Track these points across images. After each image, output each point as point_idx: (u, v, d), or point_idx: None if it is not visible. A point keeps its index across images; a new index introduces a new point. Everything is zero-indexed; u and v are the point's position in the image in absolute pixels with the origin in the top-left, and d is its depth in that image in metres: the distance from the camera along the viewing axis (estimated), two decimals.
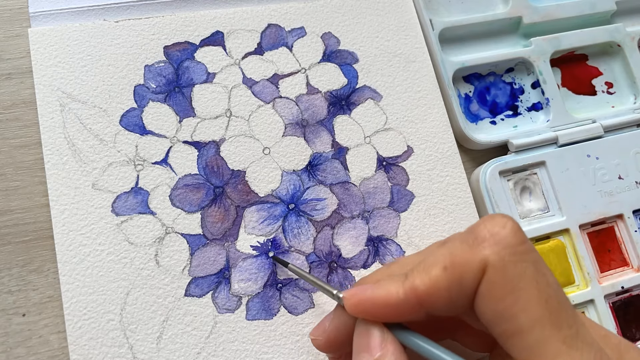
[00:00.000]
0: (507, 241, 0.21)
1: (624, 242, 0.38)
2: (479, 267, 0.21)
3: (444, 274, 0.22)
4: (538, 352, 0.20)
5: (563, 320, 0.21)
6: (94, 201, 0.31)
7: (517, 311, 0.20)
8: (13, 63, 0.33)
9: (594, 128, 0.40)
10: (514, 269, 0.21)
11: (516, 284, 0.21)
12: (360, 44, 0.38)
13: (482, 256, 0.21)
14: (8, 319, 0.29)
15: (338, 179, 0.35)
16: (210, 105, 0.34)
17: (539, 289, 0.21)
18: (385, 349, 0.22)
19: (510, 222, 0.22)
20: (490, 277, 0.21)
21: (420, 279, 0.22)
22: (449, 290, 0.22)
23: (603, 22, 0.44)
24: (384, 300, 0.23)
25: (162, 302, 0.30)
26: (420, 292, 0.22)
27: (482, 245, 0.21)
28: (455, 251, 0.22)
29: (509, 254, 0.21)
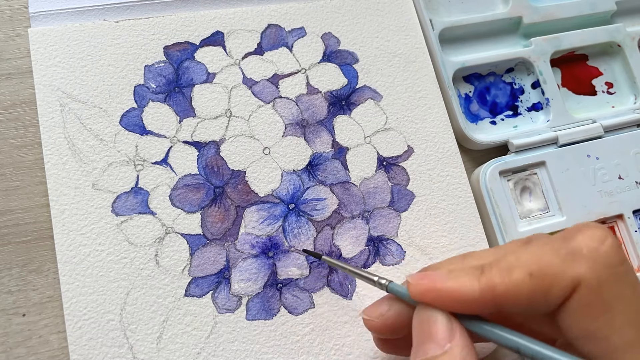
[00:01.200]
0: (606, 260, 0.20)
1: (624, 242, 0.38)
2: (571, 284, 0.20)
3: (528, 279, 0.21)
4: None
5: None
6: (94, 201, 0.31)
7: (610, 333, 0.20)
8: (13, 63, 0.33)
9: (594, 128, 0.40)
10: (611, 290, 0.20)
11: (612, 305, 0.20)
12: (360, 44, 0.38)
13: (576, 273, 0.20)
14: (8, 319, 0.29)
15: (338, 179, 0.35)
16: (210, 105, 0.34)
17: (636, 311, 0.20)
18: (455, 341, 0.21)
19: (610, 237, 0.21)
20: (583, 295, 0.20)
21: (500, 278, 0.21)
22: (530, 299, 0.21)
23: (603, 22, 0.44)
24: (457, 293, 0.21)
25: (162, 302, 0.30)
26: (498, 292, 0.21)
27: (578, 260, 0.20)
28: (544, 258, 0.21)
29: (607, 274, 0.20)
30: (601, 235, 0.21)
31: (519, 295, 0.21)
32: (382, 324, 0.25)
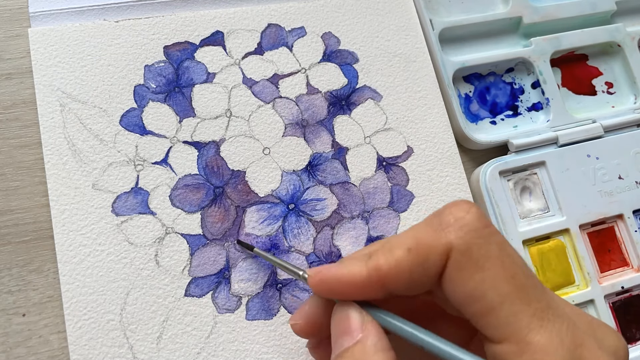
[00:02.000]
0: (471, 225, 0.22)
1: (624, 242, 0.38)
2: (444, 250, 0.22)
3: (407, 255, 0.22)
4: (510, 327, 0.21)
5: (532, 295, 0.21)
6: (94, 201, 0.31)
7: (485, 289, 0.21)
8: (13, 63, 0.33)
9: (594, 128, 0.40)
10: (479, 251, 0.21)
11: (482, 264, 0.21)
12: (360, 44, 0.38)
13: (447, 240, 0.22)
14: (8, 319, 0.29)
15: (338, 179, 0.35)
16: (210, 105, 0.34)
17: (504, 267, 0.21)
18: (367, 331, 0.23)
19: (474, 207, 0.23)
20: (455, 259, 0.22)
21: (384, 258, 0.22)
22: (411, 272, 0.22)
23: (603, 22, 0.44)
24: (348, 278, 0.23)
25: (162, 302, 0.30)
26: (383, 272, 0.22)
27: (447, 229, 0.22)
28: (419, 234, 0.22)
29: (473, 237, 0.22)
30: (466, 207, 0.23)
31: (401, 271, 0.22)
32: (305, 324, 0.26)
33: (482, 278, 0.21)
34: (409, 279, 0.22)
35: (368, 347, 0.22)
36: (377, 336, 0.22)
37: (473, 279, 0.21)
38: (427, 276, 0.22)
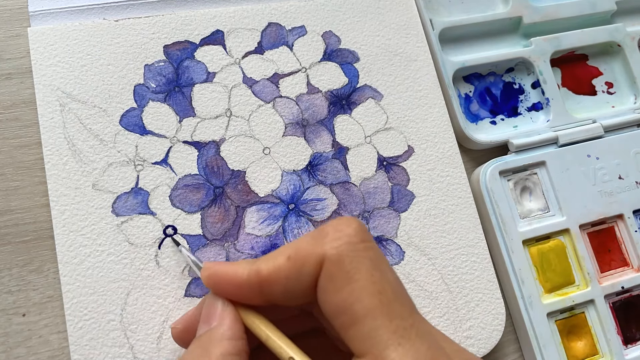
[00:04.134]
0: (347, 238, 0.22)
1: (624, 242, 0.38)
2: (317, 260, 0.22)
3: (286, 262, 0.23)
4: (370, 341, 0.21)
5: (396, 312, 0.21)
6: (94, 202, 0.31)
7: (352, 302, 0.21)
8: (13, 63, 0.33)
9: (594, 128, 0.40)
10: (350, 263, 0.22)
11: (352, 276, 0.22)
12: (361, 43, 0.38)
13: (322, 250, 0.22)
14: (8, 319, 0.29)
15: (338, 179, 0.35)
16: (210, 105, 0.34)
17: (373, 281, 0.22)
18: (222, 320, 0.23)
19: (357, 223, 0.23)
20: (327, 270, 0.22)
21: (265, 264, 0.23)
22: (287, 278, 0.23)
23: (603, 22, 0.44)
24: (231, 277, 0.24)
25: (162, 303, 0.30)
26: (262, 276, 0.23)
27: (324, 240, 0.23)
28: (300, 244, 0.23)
29: (347, 249, 0.22)
30: (348, 221, 0.23)
31: (278, 277, 0.23)
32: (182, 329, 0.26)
33: (350, 290, 0.21)
34: (285, 286, 0.23)
35: (216, 335, 0.23)
36: (228, 325, 0.23)
37: (342, 290, 0.22)
38: (302, 284, 0.23)
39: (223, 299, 0.24)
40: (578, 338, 0.35)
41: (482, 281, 0.35)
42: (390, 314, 0.21)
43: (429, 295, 0.34)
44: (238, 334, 0.23)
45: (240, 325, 0.24)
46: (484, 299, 0.34)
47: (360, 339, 0.21)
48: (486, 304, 0.34)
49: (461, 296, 0.34)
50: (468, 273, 0.34)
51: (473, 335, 0.33)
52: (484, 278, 0.35)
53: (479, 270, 0.35)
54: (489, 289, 0.34)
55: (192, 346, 0.23)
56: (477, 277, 0.35)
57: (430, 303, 0.33)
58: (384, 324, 0.21)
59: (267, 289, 0.23)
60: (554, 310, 0.35)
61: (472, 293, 0.34)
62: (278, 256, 0.23)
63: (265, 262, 0.23)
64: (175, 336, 0.27)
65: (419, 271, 0.34)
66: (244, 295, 0.24)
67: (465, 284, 0.34)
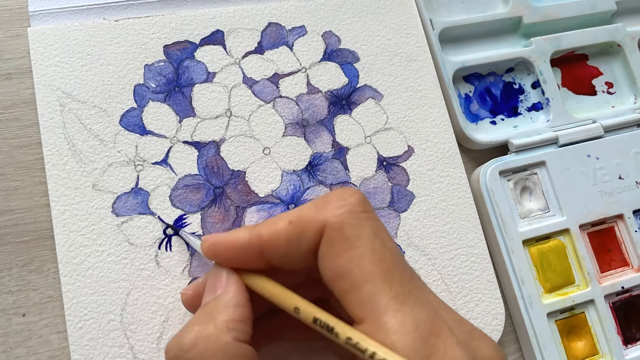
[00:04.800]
0: (349, 207, 0.23)
1: (624, 242, 0.38)
2: (319, 226, 0.23)
3: (287, 226, 0.23)
4: (369, 307, 0.21)
5: (396, 279, 0.22)
6: (94, 202, 0.31)
7: (352, 267, 0.22)
8: (13, 63, 0.33)
9: (594, 128, 0.40)
10: (351, 230, 0.22)
11: (352, 243, 0.22)
12: (361, 43, 0.38)
13: (324, 217, 0.23)
14: (8, 319, 0.29)
15: (338, 179, 0.35)
16: (210, 105, 0.34)
17: (373, 248, 0.22)
18: (227, 288, 0.24)
19: (360, 193, 0.24)
20: (328, 236, 0.22)
21: (266, 228, 0.24)
22: (288, 242, 0.23)
23: (603, 22, 0.44)
24: (232, 242, 0.24)
25: (162, 303, 0.30)
26: (262, 239, 0.23)
27: (327, 207, 0.23)
28: (303, 210, 0.23)
29: (348, 217, 0.22)
30: (351, 191, 0.24)
31: (279, 240, 0.23)
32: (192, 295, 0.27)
33: (350, 256, 0.22)
34: (285, 249, 0.23)
35: (220, 303, 0.23)
36: (232, 293, 0.24)
37: (342, 256, 0.22)
38: (302, 248, 0.23)
39: (228, 269, 0.25)
40: (578, 338, 0.35)
41: (481, 281, 0.35)
42: (389, 281, 0.21)
43: None
44: (242, 301, 0.23)
45: (245, 293, 0.24)
46: (484, 299, 0.34)
47: (359, 304, 0.21)
48: (486, 304, 0.34)
49: (461, 296, 0.34)
50: (468, 273, 0.35)
51: None
52: (484, 278, 0.35)
53: (479, 271, 0.35)
54: (488, 289, 0.35)
55: (198, 313, 0.24)
56: (477, 277, 0.35)
57: None
58: (383, 290, 0.21)
59: (267, 252, 0.24)
60: (554, 310, 0.35)
61: (471, 293, 0.34)
62: (279, 221, 0.24)
63: (266, 226, 0.24)
64: (185, 302, 0.27)
65: (418, 271, 0.34)
66: (245, 260, 0.24)
67: (464, 284, 0.34)
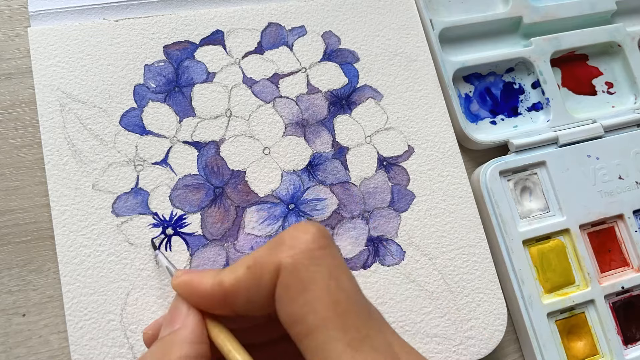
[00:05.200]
0: (303, 246, 0.22)
1: (624, 242, 0.38)
2: (274, 269, 0.22)
3: (246, 272, 0.22)
4: (324, 353, 0.20)
5: (351, 324, 0.21)
6: (94, 202, 0.31)
7: (307, 312, 0.21)
8: (13, 63, 0.33)
9: (594, 128, 0.40)
10: (306, 272, 0.21)
11: (307, 286, 0.21)
12: (361, 43, 0.38)
13: (278, 259, 0.22)
14: (8, 319, 0.29)
15: (338, 179, 0.35)
16: (210, 105, 0.34)
17: (329, 291, 0.21)
18: (186, 323, 0.23)
19: (315, 228, 0.23)
20: (283, 279, 0.22)
21: (228, 275, 0.23)
22: (248, 289, 0.22)
23: (603, 22, 0.44)
24: (197, 287, 0.24)
25: (162, 303, 0.30)
26: (224, 287, 0.23)
27: (280, 248, 0.22)
28: (259, 253, 0.23)
29: (302, 258, 0.22)
30: (306, 227, 0.23)
31: (239, 288, 0.23)
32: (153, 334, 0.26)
33: (305, 300, 0.21)
34: (246, 296, 0.23)
35: (178, 337, 0.23)
36: (191, 329, 0.23)
37: (297, 300, 0.21)
38: (262, 294, 0.22)
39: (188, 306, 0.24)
40: (578, 338, 0.35)
41: (483, 281, 0.35)
42: (344, 326, 0.21)
43: (429, 295, 0.34)
44: (200, 338, 0.23)
45: (203, 330, 0.23)
46: (486, 299, 0.34)
47: (314, 351, 0.21)
48: (487, 304, 0.34)
49: (462, 296, 0.34)
50: (469, 273, 0.34)
51: (474, 336, 0.33)
52: (485, 278, 0.35)
53: (480, 270, 0.35)
54: (490, 289, 0.34)
55: (154, 347, 0.23)
56: (479, 277, 0.35)
57: (431, 303, 0.33)
58: (337, 336, 0.20)
59: (230, 300, 0.23)
60: (554, 310, 0.35)
61: (473, 293, 0.34)
62: (239, 267, 0.23)
63: (228, 274, 0.23)
64: (146, 341, 0.27)
65: (419, 271, 0.34)
66: (210, 305, 0.24)
67: (466, 284, 0.34)
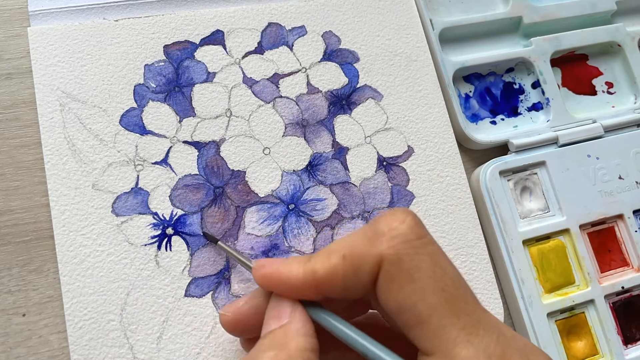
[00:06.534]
0: (403, 236, 0.22)
1: (624, 242, 0.38)
2: (375, 261, 0.22)
3: (341, 262, 0.23)
4: (438, 340, 0.21)
5: (462, 308, 0.21)
6: (94, 202, 0.31)
7: (415, 301, 0.21)
8: (13, 63, 0.33)
9: (594, 128, 0.40)
10: (410, 262, 0.22)
11: (412, 275, 0.22)
12: (361, 43, 0.38)
13: (379, 250, 0.22)
14: (8, 319, 0.29)
15: (338, 179, 0.35)
16: (211, 105, 0.34)
17: (435, 279, 0.22)
18: (294, 317, 0.23)
19: (410, 217, 0.23)
20: (387, 269, 0.22)
21: (320, 263, 0.23)
22: (344, 278, 0.23)
23: (603, 22, 0.44)
24: (286, 276, 0.24)
25: (162, 303, 0.30)
26: (318, 276, 0.23)
27: (380, 239, 0.22)
28: (355, 242, 0.23)
29: (405, 248, 0.22)
30: (401, 217, 0.23)
31: (335, 277, 0.23)
32: (233, 319, 0.26)
33: (413, 289, 0.21)
34: (342, 285, 0.23)
35: (291, 331, 0.23)
36: (301, 322, 0.23)
37: (403, 290, 0.21)
38: (360, 284, 0.23)
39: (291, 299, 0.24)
40: (578, 338, 0.35)
41: (481, 282, 0.35)
42: (456, 311, 0.21)
43: None
44: (311, 331, 0.23)
45: (312, 324, 0.24)
46: (483, 300, 0.34)
47: (427, 338, 0.21)
48: (485, 304, 0.34)
49: None
50: (467, 273, 0.34)
51: None
52: (483, 278, 0.35)
53: (478, 271, 0.35)
54: (487, 289, 0.34)
55: (266, 340, 0.23)
56: (476, 277, 0.35)
57: None
58: (451, 322, 0.21)
59: (324, 288, 0.23)
60: (554, 310, 0.35)
61: None
62: (331, 255, 0.23)
63: (320, 262, 0.23)
64: (224, 322, 0.27)
65: None
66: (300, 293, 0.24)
67: None
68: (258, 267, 0.25)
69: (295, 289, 0.24)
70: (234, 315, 0.26)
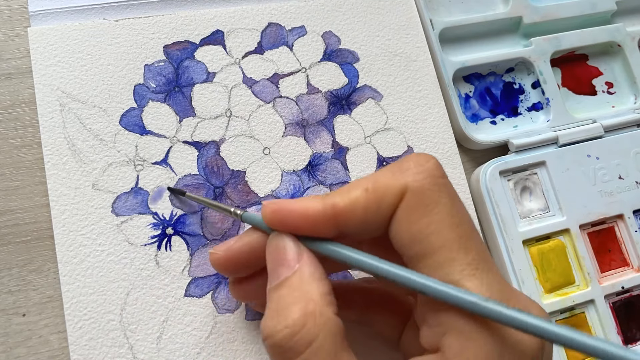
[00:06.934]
0: (429, 172, 0.23)
1: (624, 242, 0.38)
2: (399, 191, 0.22)
3: (364, 194, 0.23)
4: (443, 272, 0.21)
5: (472, 246, 0.22)
6: (94, 201, 0.31)
7: (429, 233, 0.22)
8: (13, 63, 0.33)
9: (594, 128, 0.40)
10: (431, 196, 0.22)
11: (431, 209, 0.22)
12: (361, 43, 0.38)
13: (404, 181, 0.23)
14: (8, 319, 0.29)
15: (338, 179, 0.35)
16: (210, 105, 0.34)
17: (451, 215, 0.22)
18: (303, 261, 0.23)
19: (434, 159, 0.24)
20: (408, 200, 0.22)
21: (341, 197, 0.23)
22: (365, 210, 0.23)
23: (603, 22, 0.44)
24: (302, 211, 0.23)
25: (162, 303, 0.30)
26: (338, 208, 0.23)
27: (406, 172, 0.23)
28: (378, 177, 0.23)
29: (429, 182, 0.22)
30: (427, 157, 0.24)
31: (356, 209, 0.23)
32: (225, 256, 0.26)
33: (429, 222, 0.22)
34: (363, 217, 0.23)
35: (306, 277, 0.22)
36: (313, 266, 0.23)
37: (420, 221, 0.22)
38: (381, 216, 0.23)
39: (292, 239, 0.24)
40: None
41: None
42: (465, 247, 0.22)
43: None
44: (323, 273, 0.23)
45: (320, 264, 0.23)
46: None
47: (434, 269, 0.22)
48: None
49: None
50: None
51: None
52: None
53: None
54: None
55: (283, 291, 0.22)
56: None
57: None
58: (459, 257, 0.21)
59: (343, 222, 0.23)
60: (554, 311, 0.35)
61: None
62: (353, 189, 0.23)
63: (340, 195, 0.23)
64: (214, 260, 0.26)
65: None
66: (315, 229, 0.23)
67: None
68: (268, 204, 0.24)
69: (311, 223, 0.23)
70: (225, 253, 0.26)
